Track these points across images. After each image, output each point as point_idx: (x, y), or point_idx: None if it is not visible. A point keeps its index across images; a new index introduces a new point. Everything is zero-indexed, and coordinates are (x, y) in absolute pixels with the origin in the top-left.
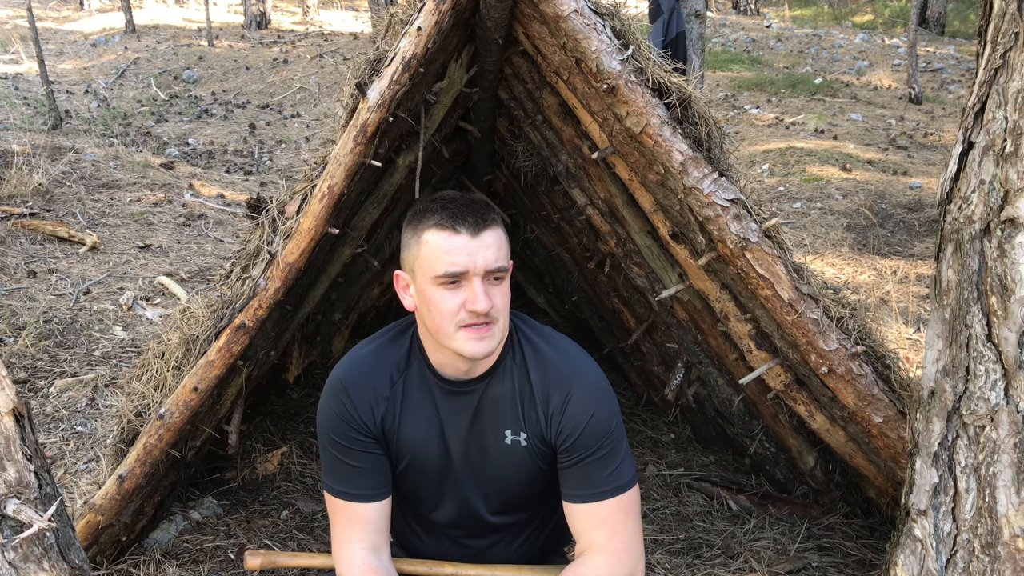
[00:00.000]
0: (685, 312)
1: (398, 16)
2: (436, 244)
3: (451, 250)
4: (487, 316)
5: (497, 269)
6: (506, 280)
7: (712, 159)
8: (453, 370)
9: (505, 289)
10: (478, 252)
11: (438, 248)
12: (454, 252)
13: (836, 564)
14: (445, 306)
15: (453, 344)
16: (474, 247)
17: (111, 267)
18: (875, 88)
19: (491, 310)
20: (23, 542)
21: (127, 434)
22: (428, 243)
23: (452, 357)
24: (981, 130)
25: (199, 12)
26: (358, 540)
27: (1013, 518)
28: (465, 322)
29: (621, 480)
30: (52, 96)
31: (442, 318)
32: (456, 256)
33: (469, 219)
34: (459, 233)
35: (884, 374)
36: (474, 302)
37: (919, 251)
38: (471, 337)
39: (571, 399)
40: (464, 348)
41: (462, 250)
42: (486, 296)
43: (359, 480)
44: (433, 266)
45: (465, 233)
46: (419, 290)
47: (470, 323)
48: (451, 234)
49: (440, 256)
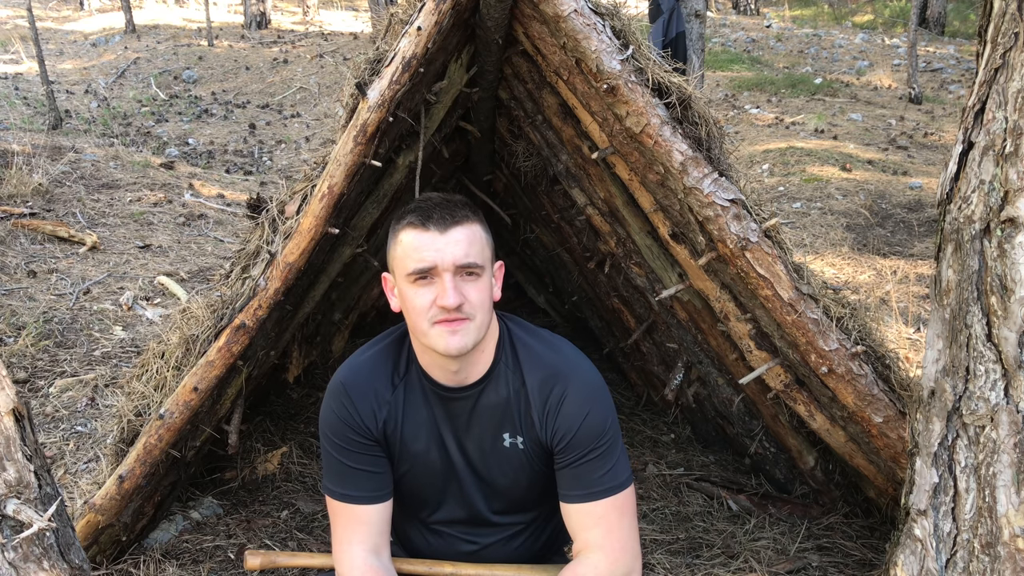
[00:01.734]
0: (685, 312)
1: (398, 16)
2: (407, 242)
3: (420, 246)
4: (459, 311)
5: (467, 264)
6: (483, 278)
7: (712, 159)
8: (443, 375)
9: (481, 286)
10: (446, 248)
11: (409, 246)
12: (422, 248)
13: (836, 564)
14: (418, 302)
15: (429, 341)
16: (442, 243)
17: (111, 267)
18: (875, 88)
19: (463, 305)
20: (23, 542)
21: (127, 434)
22: (402, 242)
23: (436, 357)
24: (981, 130)
25: (199, 12)
26: (359, 542)
27: (1013, 518)
28: (437, 318)
29: (616, 480)
30: (52, 96)
31: (417, 315)
32: (424, 252)
33: (437, 216)
34: (428, 230)
35: (884, 374)
36: (443, 297)
37: (919, 251)
38: (444, 331)
39: (565, 400)
40: (438, 344)
41: (430, 246)
42: (456, 291)
43: (360, 482)
44: (405, 263)
45: (434, 230)
46: (398, 289)
47: (442, 319)
48: (421, 231)
49: (410, 253)
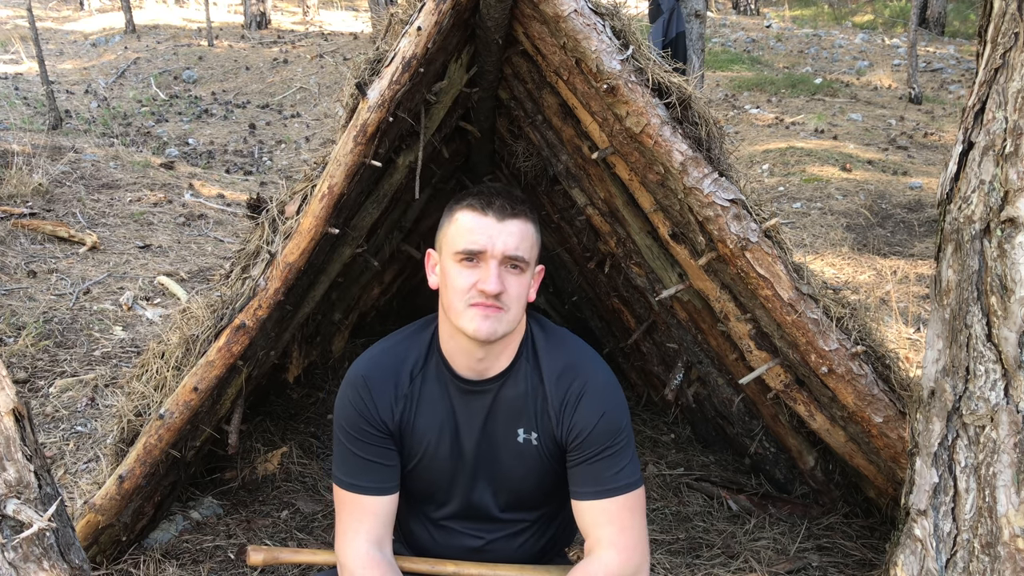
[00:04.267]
0: (685, 312)
1: (398, 16)
2: (463, 222)
3: (474, 228)
4: (497, 299)
5: (515, 257)
6: (525, 274)
7: (712, 159)
8: (466, 364)
9: (523, 281)
10: (499, 235)
11: (463, 226)
12: (476, 231)
13: (836, 564)
14: (459, 282)
15: (461, 322)
16: (496, 230)
17: (111, 267)
18: (875, 88)
19: (502, 295)
20: (23, 542)
21: (127, 434)
22: (457, 221)
23: (463, 342)
24: (981, 130)
25: (199, 12)
26: (364, 532)
27: (1013, 518)
28: (474, 300)
29: (630, 478)
30: (52, 96)
31: (455, 293)
32: (478, 235)
33: (498, 203)
34: (486, 215)
35: (884, 374)
36: (486, 282)
37: (919, 251)
38: (478, 314)
39: (583, 399)
40: (469, 326)
41: (484, 231)
42: (498, 279)
43: (370, 473)
44: (455, 242)
45: (492, 216)
46: (442, 266)
47: (479, 302)
48: (479, 215)
49: (463, 233)
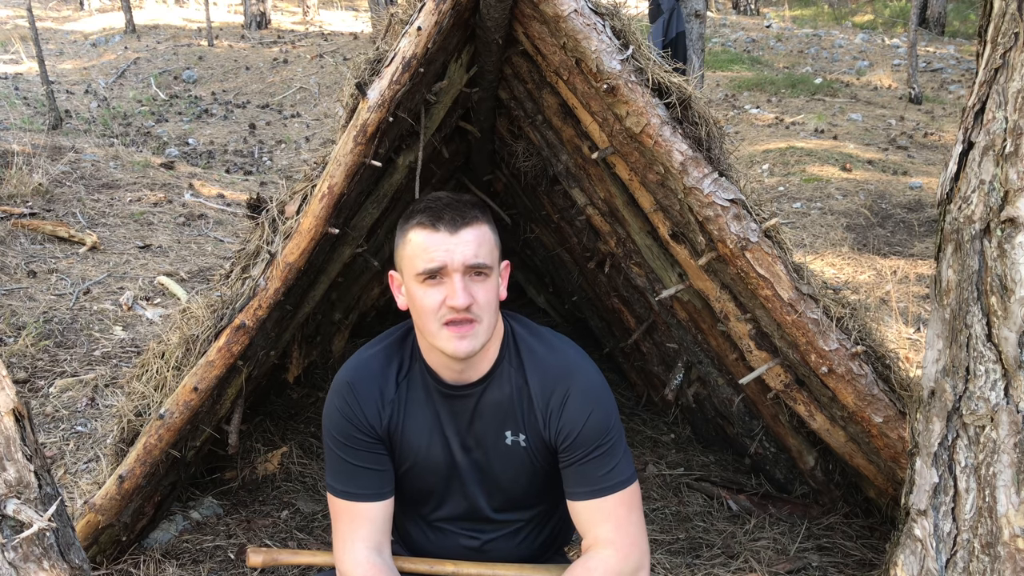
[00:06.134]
0: (685, 312)
1: (398, 16)
2: (417, 242)
3: (429, 247)
4: (468, 312)
5: (477, 265)
6: (491, 279)
7: (712, 159)
8: (448, 372)
9: (489, 287)
10: (456, 248)
11: (418, 245)
12: (432, 248)
13: (836, 564)
14: (427, 303)
15: (438, 342)
16: (452, 243)
17: (111, 267)
18: (875, 88)
19: (472, 306)
20: (23, 542)
21: (127, 434)
22: (411, 241)
23: (443, 356)
24: (981, 130)
25: (199, 12)
26: (361, 539)
27: (1013, 518)
28: (447, 318)
29: (622, 476)
30: (52, 96)
31: (426, 315)
32: (434, 252)
33: (447, 216)
34: (438, 230)
35: (884, 374)
36: (453, 297)
37: (919, 251)
38: (453, 336)
39: (568, 399)
40: (447, 347)
41: (440, 246)
42: (465, 292)
43: (363, 480)
44: (414, 264)
45: (444, 230)
46: (407, 288)
47: (451, 319)
48: (431, 231)
49: (419, 253)
